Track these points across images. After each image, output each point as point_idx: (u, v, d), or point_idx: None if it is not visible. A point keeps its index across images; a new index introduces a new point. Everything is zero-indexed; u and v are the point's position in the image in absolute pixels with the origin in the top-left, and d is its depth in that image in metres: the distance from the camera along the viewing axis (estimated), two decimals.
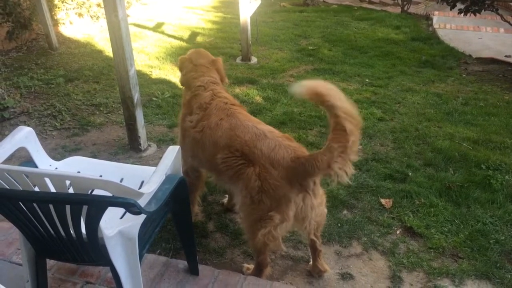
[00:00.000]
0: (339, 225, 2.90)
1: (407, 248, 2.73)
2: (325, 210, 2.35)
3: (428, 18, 9.42)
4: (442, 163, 3.65)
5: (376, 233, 2.85)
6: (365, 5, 11.34)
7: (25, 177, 1.54)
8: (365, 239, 2.80)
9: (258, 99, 4.91)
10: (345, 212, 3.04)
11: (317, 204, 2.20)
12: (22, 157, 3.26)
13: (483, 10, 6.19)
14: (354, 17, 9.47)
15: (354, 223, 2.92)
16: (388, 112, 4.67)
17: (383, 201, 3.14)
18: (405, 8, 9.99)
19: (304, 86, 1.95)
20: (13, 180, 1.56)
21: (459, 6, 6.39)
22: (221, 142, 2.32)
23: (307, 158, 2.07)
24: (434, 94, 5.26)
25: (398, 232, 2.88)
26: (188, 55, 2.76)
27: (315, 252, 2.44)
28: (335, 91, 1.92)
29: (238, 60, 6.37)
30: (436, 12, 9.43)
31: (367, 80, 5.72)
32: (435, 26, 8.65)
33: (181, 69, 2.78)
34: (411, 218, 2.97)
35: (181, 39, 7.32)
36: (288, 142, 2.20)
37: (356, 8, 10.62)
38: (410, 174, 3.48)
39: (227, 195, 3.06)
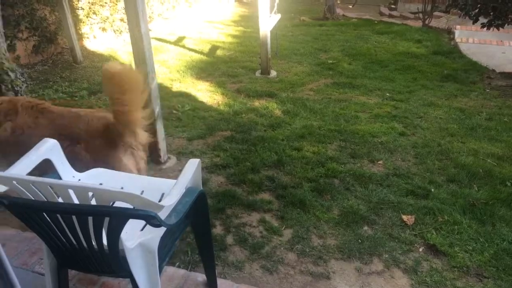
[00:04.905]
0: (360, 241, 2.85)
1: (430, 267, 2.67)
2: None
3: (450, 32, 9.32)
4: (466, 180, 3.57)
5: (398, 250, 2.79)
6: (385, 19, 11.31)
7: (49, 188, 1.57)
8: (387, 256, 2.74)
9: (277, 112, 4.92)
10: (365, 228, 3.00)
11: (144, 155, 2.62)
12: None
13: (506, 24, 6.10)
14: (374, 31, 9.45)
15: (375, 239, 2.87)
16: (410, 127, 4.61)
17: (404, 217, 3.08)
18: (426, 22, 9.91)
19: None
20: (38, 191, 1.59)
21: (482, 20, 6.31)
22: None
23: (113, 121, 2.39)
24: (457, 108, 5.17)
25: (420, 249, 2.81)
26: None
27: None
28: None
29: (258, 73, 6.40)
30: (458, 26, 9.32)
31: (387, 94, 5.67)
32: (457, 40, 8.55)
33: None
34: (434, 235, 2.90)
35: (201, 52, 7.42)
36: (100, 114, 2.54)
37: (376, 22, 10.59)
38: (432, 190, 3.41)
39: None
